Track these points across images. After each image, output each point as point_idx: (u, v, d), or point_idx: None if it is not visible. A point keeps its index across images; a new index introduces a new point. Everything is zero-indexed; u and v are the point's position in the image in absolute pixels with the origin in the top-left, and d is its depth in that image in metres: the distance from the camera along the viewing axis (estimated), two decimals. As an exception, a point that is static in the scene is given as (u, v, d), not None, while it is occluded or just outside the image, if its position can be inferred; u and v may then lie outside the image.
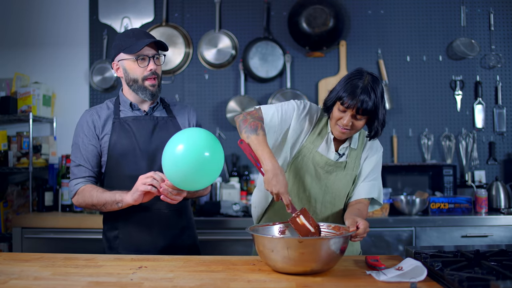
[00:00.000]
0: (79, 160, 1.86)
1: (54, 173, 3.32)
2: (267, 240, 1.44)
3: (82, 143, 1.86)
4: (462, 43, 3.42)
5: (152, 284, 1.35)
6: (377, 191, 1.86)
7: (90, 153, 1.86)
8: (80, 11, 3.61)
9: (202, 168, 1.57)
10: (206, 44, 3.55)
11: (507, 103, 3.49)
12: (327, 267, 1.44)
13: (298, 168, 1.81)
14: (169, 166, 1.58)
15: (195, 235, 2.03)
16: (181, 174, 1.57)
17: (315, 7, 3.35)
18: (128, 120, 1.87)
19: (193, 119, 2.00)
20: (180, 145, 1.56)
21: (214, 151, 1.59)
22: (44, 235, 2.89)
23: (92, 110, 1.91)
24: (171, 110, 1.97)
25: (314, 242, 1.39)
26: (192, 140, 1.58)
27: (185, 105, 2.04)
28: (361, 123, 1.71)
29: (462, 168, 3.45)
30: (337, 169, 1.81)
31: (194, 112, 2.03)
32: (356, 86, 1.65)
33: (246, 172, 3.41)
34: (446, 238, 2.83)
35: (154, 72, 1.83)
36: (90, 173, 1.86)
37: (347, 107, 1.67)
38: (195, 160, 1.55)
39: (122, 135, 1.85)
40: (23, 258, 1.68)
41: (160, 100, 1.97)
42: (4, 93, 3.36)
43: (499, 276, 1.30)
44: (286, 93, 3.48)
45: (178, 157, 1.55)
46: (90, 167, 1.86)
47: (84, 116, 1.90)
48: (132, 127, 1.86)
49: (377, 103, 1.66)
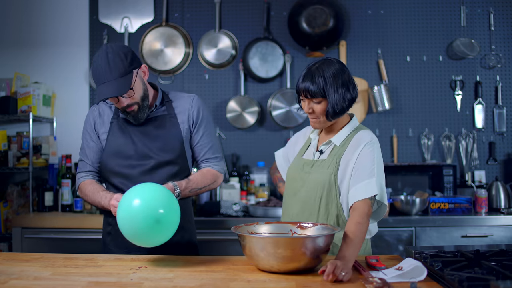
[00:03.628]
0: (82, 155, 1.99)
1: (54, 173, 3.32)
2: (248, 238, 1.48)
3: (85, 140, 1.98)
4: (462, 43, 3.42)
5: (152, 284, 1.35)
6: (372, 190, 1.65)
7: (91, 149, 1.96)
8: (80, 11, 3.61)
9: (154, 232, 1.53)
10: (206, 44, 3.55)
11: (507, 103, 3.49)
12: (306, 265, 1.45)
13: (288, 177, 1.92)
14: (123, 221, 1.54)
15: (192, 235, 2.02)
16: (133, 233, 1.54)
17: (315, 7, 3.35)
18: (125, 120, 1.91)
19: (193, 110, 1.96)
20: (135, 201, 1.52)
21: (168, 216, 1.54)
22: (44, 235, 2.89)
23: (95, 107, 1.99)
24: (172, 107, 1.95)
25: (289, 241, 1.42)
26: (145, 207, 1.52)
27: (189, 96, 1.99)
28: (319, 106, 1.72)
29: (462, 168, 3.45)
30: (315, 168, 1.79)
31: (196, 103, 1.97)
32: (305, 72, 1.74)
33: (246, 172, 3.41)
34: (446, 238, 2.83)
35: (127, 105, 1.79)
36: (90, 168, 1.97)
37: (299, 94, 1.76)
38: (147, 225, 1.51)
39: (118, 135, 1.90)
40: (23, 258, 1.69)
41: (162, 95, 1.96)
42: (4, 93, 3.36)
43: (499, 276, 1.30)
44: (286, 93, 3.48)
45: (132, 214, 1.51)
46: (90, 162, 1.96)
47: (89, 112, 2.00)
48: (128, 127, 1.90)
49: (323, 83, 1.69)
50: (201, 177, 1.92)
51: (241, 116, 3.48)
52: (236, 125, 3.48)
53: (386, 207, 1.76)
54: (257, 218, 2.85)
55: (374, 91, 3.41)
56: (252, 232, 1.62)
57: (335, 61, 1.74)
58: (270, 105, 3.47)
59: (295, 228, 1.65)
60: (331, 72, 1.70)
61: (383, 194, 1.70)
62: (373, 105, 3.44)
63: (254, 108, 3.48)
